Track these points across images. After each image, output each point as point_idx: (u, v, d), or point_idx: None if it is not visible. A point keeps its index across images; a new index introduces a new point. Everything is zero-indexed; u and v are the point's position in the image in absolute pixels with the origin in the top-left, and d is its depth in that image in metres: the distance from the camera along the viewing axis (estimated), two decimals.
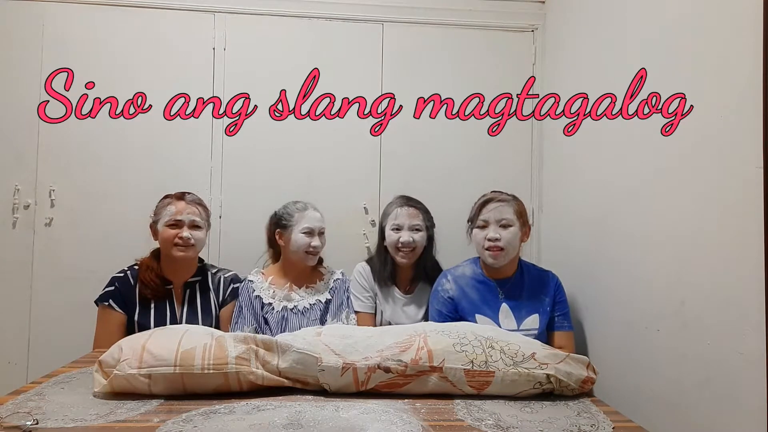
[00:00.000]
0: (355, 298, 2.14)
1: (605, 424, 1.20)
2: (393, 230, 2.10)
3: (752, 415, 1.26)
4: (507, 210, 1.88)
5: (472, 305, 1.90)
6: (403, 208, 2.12)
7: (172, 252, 1.91)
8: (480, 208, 1.93)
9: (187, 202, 1.98)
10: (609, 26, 2.01)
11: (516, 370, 1.36)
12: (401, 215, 2.10)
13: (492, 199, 1.92)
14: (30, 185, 2.37)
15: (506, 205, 1.89)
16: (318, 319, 2.05)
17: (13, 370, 2.32)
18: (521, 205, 1.97)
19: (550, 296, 1.94)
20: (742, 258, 1.30)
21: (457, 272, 1.98)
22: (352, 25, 2.57)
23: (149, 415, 1.20)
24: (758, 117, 1.25)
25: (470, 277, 1.95)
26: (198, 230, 1.95)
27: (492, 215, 1.89)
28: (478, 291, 1.92)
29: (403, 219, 2.09)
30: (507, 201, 1.91)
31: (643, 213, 1.72)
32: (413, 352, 1.37)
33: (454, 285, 1.94)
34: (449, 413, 1.25)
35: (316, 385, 1.36)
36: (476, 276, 1.95)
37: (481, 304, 1.90)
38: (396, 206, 2.13)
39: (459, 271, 1.98)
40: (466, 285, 1.94)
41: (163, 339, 1.38)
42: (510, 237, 1.86)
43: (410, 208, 2.12)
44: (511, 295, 1.91)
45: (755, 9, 1.27)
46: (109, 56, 2.43)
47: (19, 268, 2.35)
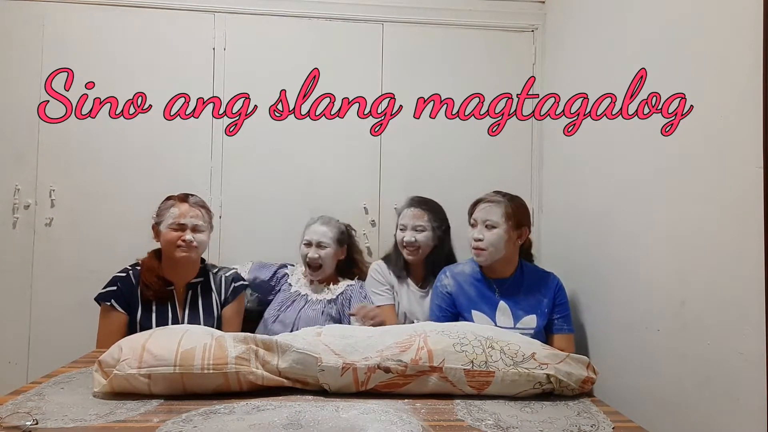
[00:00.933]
0: (373, 294, 2.21)
1: (605, 424, 1.20)
2: (400, 229, 2.22)
3: (752, 415, 1.26)
4: (494, 211, 1.88)
5: (470, 301, 1.92)
6: (409, 209, 2.21)
7: (175, 253, 1.91)
8: (472, 207, 1.97)
9: (191, 205, 1.97)
10: (609, 26, 2.01)
11: (516, 370, 1.36)
12: (406, 216, 2.20)
13: (482, 200, 1.94)
14: (30, 185, 2.37)
15: (494, 206, 1.90)
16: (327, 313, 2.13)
17: (13, 370, 2.33)
18: (517, 206, 1.94)
19: (550, 298, 1.94)
20: (742, 258, 1.30)
21: (456, 270, 2.01)
22: (352, 25, 2.57)
23: (149, 415, 1.20)
24: (758, 117, 1.25)
25: (469, 275, 1.97)
26: (201, 233, 1.95)
27: (479, 215, 1.91)
28: (475, 288, 1.94)
29: (407, 219, 2.19)
30: (496, 202, 1.91)
31: (643, 213, 1.72)
32: (413, 352, 1.37)
33: (452, 281, 1.97)
34: (449, 413, 1.25)
35: (315, 385, 1.36)
36: (474, 274, 1.98)
37: (479, 301, 1.92)
38: (405, 207, 2.24)
39: (458, 269, 2.01)
40: (465, 282, 1.96)
41: (163, 339, 1.37)
42: (493, 238, 1.86)
43: (415, 209, 2.20)
44: (509, 294, 1.92)
45: (755, 9, 1.27)
46: (109, 56, 2.44)
47: (19, 268, 2.35)
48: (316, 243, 2.16)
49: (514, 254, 1.96)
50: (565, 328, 1.93)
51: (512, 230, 1.89)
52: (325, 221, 2.23)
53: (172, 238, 1.91)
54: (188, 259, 1.94)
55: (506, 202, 1.92)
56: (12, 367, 2.33)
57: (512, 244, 1.92)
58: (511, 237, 1.90)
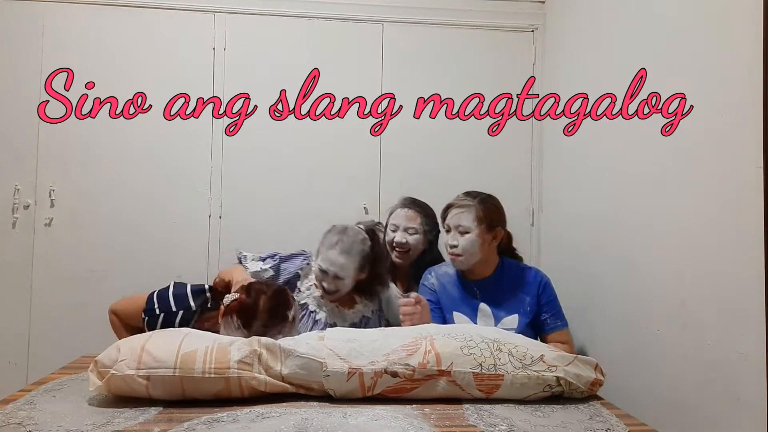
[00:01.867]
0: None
1: (619, 427, 1.19)
2: (391, 230, 2.14)
3: (752, 414, 1.25)
4: (465, 217, 1.84)
5: (451, 302, 1.91)
6: (403, 209, 2.14)
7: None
8: (444, 212, 1.92)
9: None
10: (609, 26, 2.00)
11: (525, 373, 1.33)
12: (399, 216, 2.13)
13: (453, 205, 1.89)
14: (30, 185, 2.37)
15: (465, 212, 1.85)
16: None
17: (13, 370, 2.32)
18: (488, 208, 1.87)
19: (533, 296, 1.88)
20: (742, 258, 1.30)
21: (440, 270, 1.99)
22: (352, 25, 2.57)
23: (149, 424, 1.15)
24: (758, 117, 1.25)
25: (452, 275, 1.95)
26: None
27: (452, 221, 1.87)
28: (457, 289, 1.92)
29: (399, 220, 2.12)
30: (467, 207, 1.86)
31: (643, 213, 1.72)
32: (420, 355, 1.34)
33: (436, 281, 1.96)
34: (460, 418, 1.23)
35: (320, 390, 1.33)
36: (455, 276, 1.95)
37: (460, 303, 1.90)
38: (398, 207, 2.17)
39: (442, 270, 1.99)
40: (448, 283, 1.94)
41: (163, 340, 1.34)
42: (467, 244, 1.83)
43: (409, 210, 2.14)
44: (489, 296, 1.89)
45: (755, 9, 1.26)
46: (109, 56, 2.43)
47: (19, 268, 2.35)
48: (333, 275, 1.81)
49: (491, 254, 1.91)
50: (559, 324, 1.88)
51: (485, 233, 1.85)
52: (347, 248, 1.81)
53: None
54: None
55: (476, 204, 1.85)
56: (12, 367, 2.33)
57: (487, 246, 1.88)
58: (485, 240, 1.85)
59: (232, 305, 1.57)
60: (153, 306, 1.72)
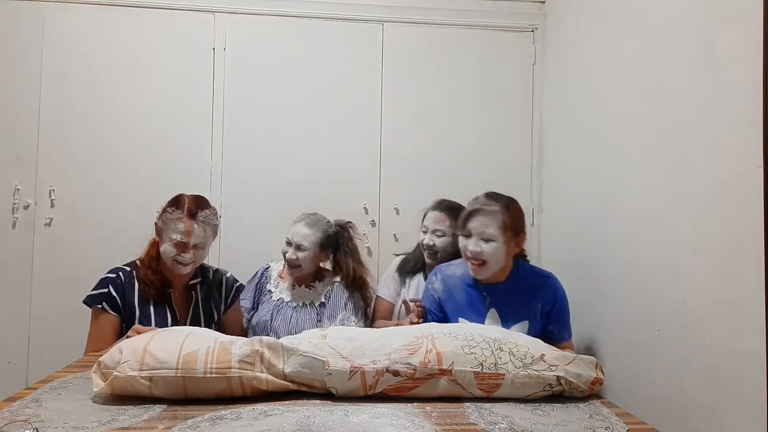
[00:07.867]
0: (383, 284, 2.24)
1: (619, 426, 1.19)
2: (422, 231, 2.16)
3: (752, 414, 1.26)
4: (490, 223, 1.75)
5: (457, 307, 1.84)
6: (433, 212, 2.15)
7: (172, 266, 1.85)
8: (466, 217, 1.81)
9: (198, 223, 1.84)
10: (609, 26, 2.01)
11: (526, 372, 1.34)
12: (429, 218, 2.14)
13: (478, 210, 1.79)
14: (30, 185, 2.37)
15: (491, 219, 1.76)
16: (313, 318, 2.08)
17: (13, 370, 2.32)
18: (513, 214, 1.79)
19: (546, 303, 1.82)
20: (741, 258, 1.31)
21: (448, 271, 1.91)
22: (352, 25, 2.57)
23: (153, 421, 1.16)
24: (758, 117, 1.25)
25: (459, 278, 1.87)
26: (201, 249, 1.87)
27: (475, 227, 1.77)
28: (465, 294, 1.85)
29: (429, 222, 2.14)
30: (492, 213, 1.76)
31: (643, 213, 1.72)
32: (422, 354, 1.35)
33: (441, 285, 1.89)
34: (460, 417, 1.24)
35: (322, 388, 1.34)
36: (465, 278, 1.86)
37: (467, 308, 1.83)
38: (430, 209, 2.18)
39: (450, 270, 1.91)
40: (455, 286, 1.87)
41: (165, 341, 1.35)
42: (491, 251, 1.74)
43: (438, 213, 2.13)
44: (499, 301, 1.81)
45: (755, 9, 1.27)
46: (109, 56, 2.43)
47: (19, 268, 2.35)
48: (296, 245, 2.04)
49: (510, 259, 1.84)
50: (564, 337, 1.84)
51: (510, 240, 1.77)
52: (312, 222, 2.08)
53: (171, 252, 1.82)
54: (184, 271, 1.88)
55: (502, 210, 1.77)
56: (12, 367, 2.33)
57: (510, 253, 1.80)
58: (510, 248, 1.78)
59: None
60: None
